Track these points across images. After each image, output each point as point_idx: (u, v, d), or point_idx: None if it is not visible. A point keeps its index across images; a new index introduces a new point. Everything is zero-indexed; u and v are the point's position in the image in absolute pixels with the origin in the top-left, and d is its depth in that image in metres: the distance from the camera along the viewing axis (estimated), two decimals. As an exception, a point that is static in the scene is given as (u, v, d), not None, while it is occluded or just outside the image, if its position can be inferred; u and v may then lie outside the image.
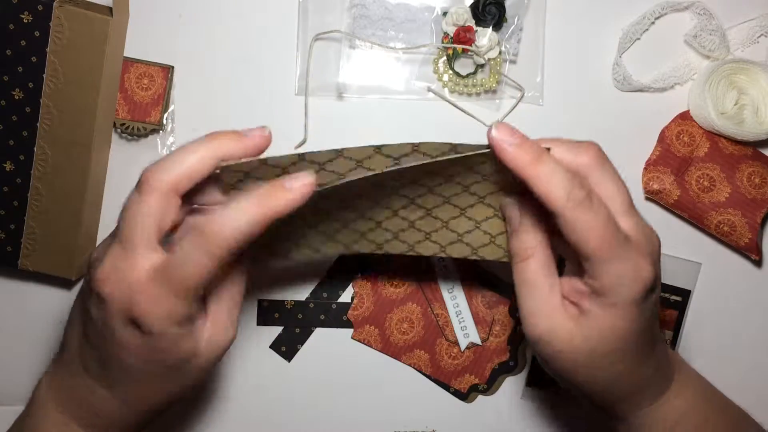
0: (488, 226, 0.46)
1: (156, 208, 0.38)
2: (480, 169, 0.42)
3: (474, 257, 0.48)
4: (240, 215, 0.36)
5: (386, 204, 0.45)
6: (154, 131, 0.58)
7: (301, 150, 0.44)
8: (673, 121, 0.59)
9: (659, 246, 0.41)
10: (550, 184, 0.37)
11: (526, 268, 0.41)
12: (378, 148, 0.42)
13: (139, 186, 0.38)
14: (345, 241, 0.48)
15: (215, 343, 0.42)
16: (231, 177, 0.41)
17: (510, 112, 0.59)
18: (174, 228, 0.41)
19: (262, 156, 0.41)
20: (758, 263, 0.60)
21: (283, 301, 0.60)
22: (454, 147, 0.41)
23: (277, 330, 0.60)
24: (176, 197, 0.38)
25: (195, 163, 0.38)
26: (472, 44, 0.57)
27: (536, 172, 0.38)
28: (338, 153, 0.41)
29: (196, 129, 0.58)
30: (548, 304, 0.41)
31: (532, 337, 0.41)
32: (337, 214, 0.46)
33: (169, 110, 0.58)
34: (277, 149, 0.58)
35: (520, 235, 0.42)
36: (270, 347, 0.60)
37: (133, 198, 0.38)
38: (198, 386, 0.45)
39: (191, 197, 0.41)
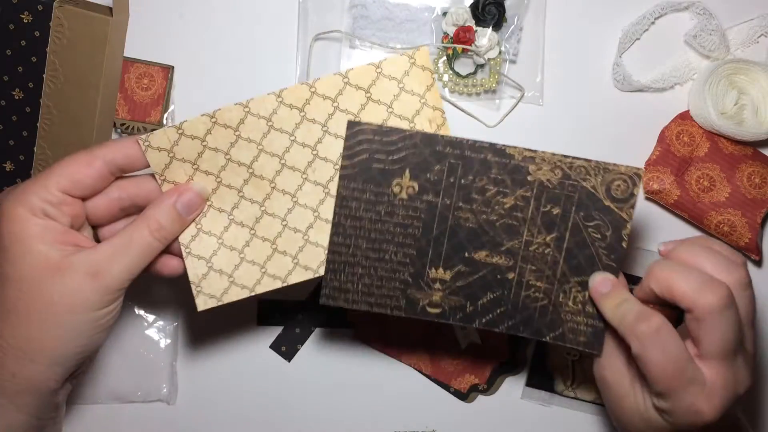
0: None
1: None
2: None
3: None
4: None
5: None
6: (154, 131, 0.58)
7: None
8: (673, 121, 0.59)
9: (744, 391, 0.44)
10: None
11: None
12: (279, 96, 0.47)
13: None
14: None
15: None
16: (158, 159, 0.46)
17: (510, 112, 0.59)
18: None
19: (178, 123, 0.46)
20: (758, 263, 0.60)
21: (283, 301, 0.60)
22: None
23: (277, 330, 0.60)
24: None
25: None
26: (472, 44, 0.57)
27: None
28: (245, 109, 0.47)
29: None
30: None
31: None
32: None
33: (169, 110, 0.58)
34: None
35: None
36: (270, 347, 0.60)
37: None
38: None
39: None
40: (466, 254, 0.47)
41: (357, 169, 0.46)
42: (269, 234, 0.48)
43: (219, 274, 0.48)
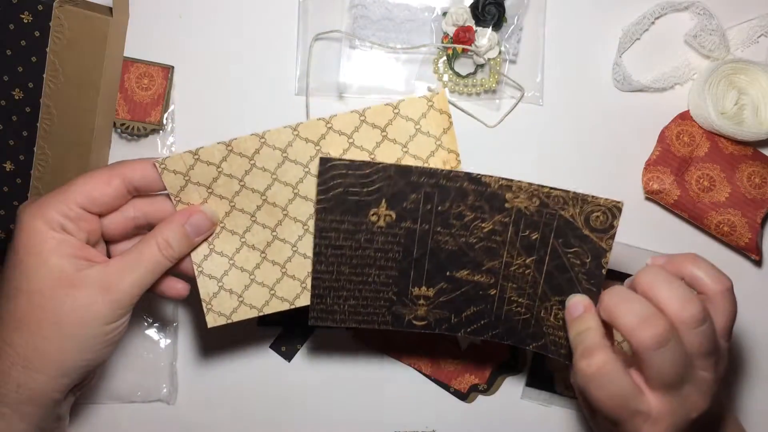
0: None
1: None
2: None
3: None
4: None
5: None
6: (154, 131, 0.58)
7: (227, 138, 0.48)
8: (673, 121, 0.59)
9: (698, 415, 0.44)
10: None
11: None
12: (295, 129, 0.47)
13: None
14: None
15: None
16: (173, 182, 0.47)
17: (510, 112, 0.59)
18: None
19: (194, 148, 0.46)
20: (758, 263, 0.60)
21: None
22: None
23: (277, 330, 0.60)
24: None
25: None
26: (472, 44, 0.57)
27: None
28: (261, 140, 0.47)
29: (195, 129, 0.58)
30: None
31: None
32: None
33: (169, 110, 0.58)
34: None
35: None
36: (270, 347, 0.60)
37: None
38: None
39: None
40: (448, 273, 0.48)
41: (333, 202, 0.46)
42: (279, 258, 0.49)
43: (229, 293, 0.49)
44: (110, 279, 0.44)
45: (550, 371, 0.60)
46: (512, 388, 0.61)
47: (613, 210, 0.45)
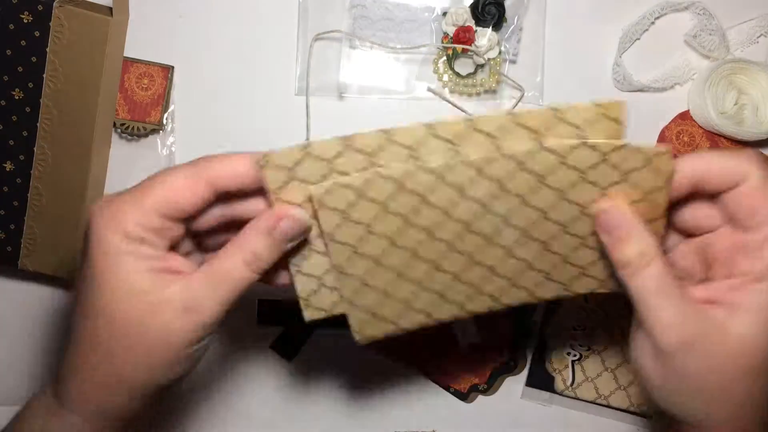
0: (576, 258, 0.42)
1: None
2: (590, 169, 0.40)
3: (566, 293, 0.43)
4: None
5: (478, 229, 0.41)
6: (154, 131, 0.58)
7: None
8: (673, 121, 0.59)
9: None
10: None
11: (649, 274, 0.38)
12: (430, 127, 0.38)
13: None
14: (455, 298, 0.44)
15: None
16: (275, 177, 0.39)
17: (510, 112, 0.59)
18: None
19: (304, 143, 0.39)
20: (758, 263, 0.60)
21: (283, 301, 0.60)
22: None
23: (277, 330, 0.60)
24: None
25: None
26: (472, 44, 0.57)
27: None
28: (386, 135, 0.38)
29: (195, 129, 0.58)
30: (688, 308, 0.37)
31: (670, 347, 0.37)
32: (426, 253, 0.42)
33: (169, 110, 0.58)
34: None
35: (634, 242, 0.38)
36: (270, 347, 0.60)
37: None
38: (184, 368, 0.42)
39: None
40: None
41: None
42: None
43: (330, 290, 0.44)
44: (193, 298, 0.39)
45: (550, 371, 0.60)
46: (512, 388, 0.61)
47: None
